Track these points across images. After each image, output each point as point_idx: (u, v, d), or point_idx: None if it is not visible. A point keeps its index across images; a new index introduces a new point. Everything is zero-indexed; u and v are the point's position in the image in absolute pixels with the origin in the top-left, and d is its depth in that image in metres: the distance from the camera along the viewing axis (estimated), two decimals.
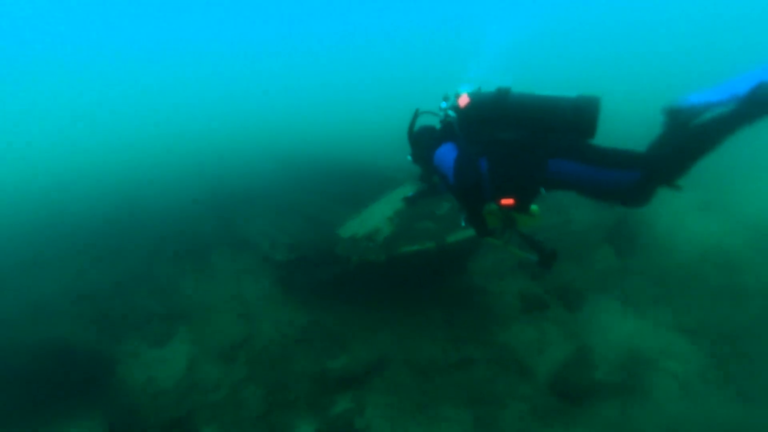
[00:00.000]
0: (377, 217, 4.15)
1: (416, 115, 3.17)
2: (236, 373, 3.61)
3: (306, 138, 13.01)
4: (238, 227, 6.52)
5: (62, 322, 4.70)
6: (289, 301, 4.46)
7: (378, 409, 3.06)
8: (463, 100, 2.85)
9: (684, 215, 5.26)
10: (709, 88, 2.40)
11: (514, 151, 2.74)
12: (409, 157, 3.14)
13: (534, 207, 2.81)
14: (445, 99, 3.09)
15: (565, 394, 3.15)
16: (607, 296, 4.20)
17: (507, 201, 2.77)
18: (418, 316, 3.86)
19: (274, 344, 3.88)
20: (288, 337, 3.94)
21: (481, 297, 4.10)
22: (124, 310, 4.85)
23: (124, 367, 3.90)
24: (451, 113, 2.96)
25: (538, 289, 4.22)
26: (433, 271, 4.08)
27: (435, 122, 3.15)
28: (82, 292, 5.39)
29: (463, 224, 2.91)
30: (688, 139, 2.46)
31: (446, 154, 2.93)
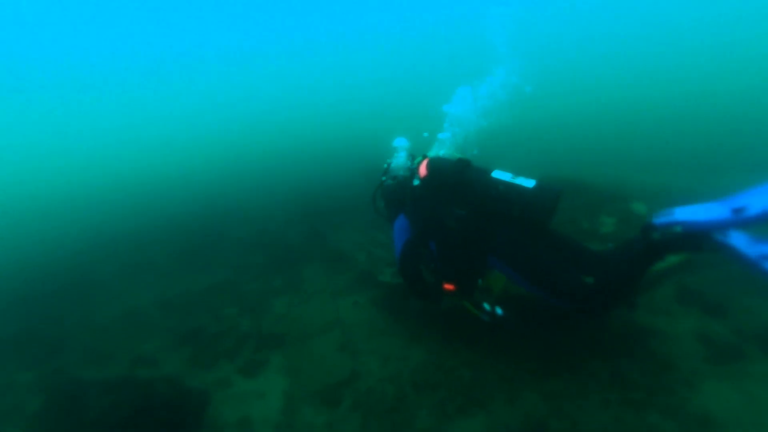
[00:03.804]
0: None
1: (387, 173, 3.40)
2: (344, 424, 2.94)
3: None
4: (329, 238, 6.01)
5: (152, 339, 4.39)
6: (397, 331, 3.76)
7: None
8: (423, 170, 3.00)
9: None
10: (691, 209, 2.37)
11: (459, 242, 2.80)
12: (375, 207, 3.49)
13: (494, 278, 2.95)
14: (411, 159, 3.27)
15: None
16: None
17: (449, 286, 2.89)
18: (575, 369, 2.96)
19: (387, 386, 3.19)
20: (403, 378, 3.22)
21: (652, 342, 3.12)
22: (215, 328, 4.45)
23: (214, 399, 3.42)
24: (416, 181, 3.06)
25: (723, 329, 3.16)
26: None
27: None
28: (172, 304, 5.11)
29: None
30: (627, 277, 2.57)
31: (400, 233, 3.13)
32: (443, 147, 3.73)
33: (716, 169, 6.43)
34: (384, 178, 3.48)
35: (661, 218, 2.39)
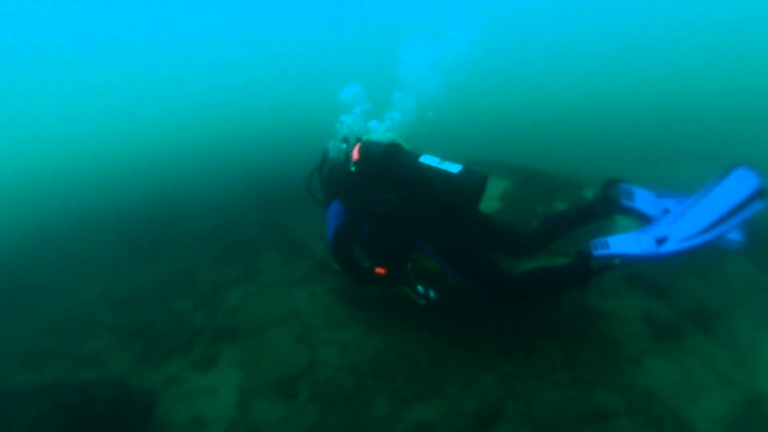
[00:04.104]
0: None
1: (324, 159, 3.41)
2: (301, 418, 2.88)
3: None
4: (286, 227, 5.87)
5: (97, 337, 4.14)
6: (355, 320, 3.71)
7: None
8: (356, 154, 3.00)
9: None
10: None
11: (389, 226, 2.86)
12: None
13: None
14: (345, 141, 3.27)
15: None
16: (761, 323, 3.26)
17: (380, 270, 2.98)
18: (530, 351, 3.02)
19: (345, 376, 3.14)
20: (360, 366, 3.18)
21: (601, 323, 3.23)
22: (166, 323, 4.25)
23: (165, 397, 3.26)
24: (352, 167, 3.05)
25: (665, 309, 3.32)
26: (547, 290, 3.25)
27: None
28: (120, 299, 4.84)
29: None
30: (546, 277, 2.73)
31: (333, 218, 3.17)
32: (385, 130, 3.71)
33: (659, 160, 6.78)
34: (322, 163, 3.45)
35: (599, 251, 2.48)
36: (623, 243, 2.43)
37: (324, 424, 2.78)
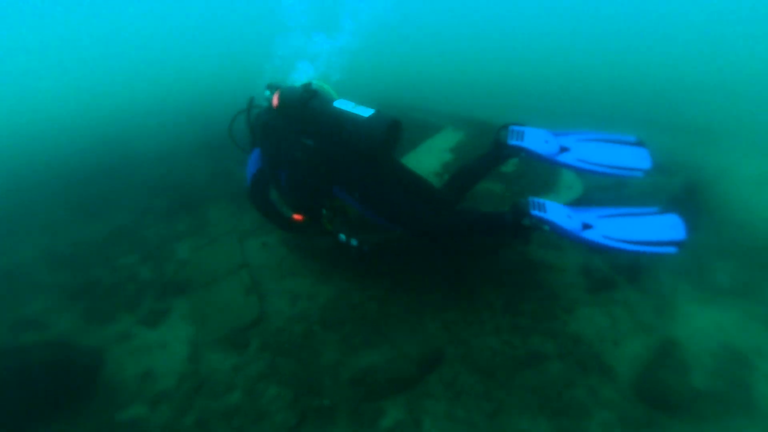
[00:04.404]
0: (420, 170, 3.32)
1: (250, 104, 3.31)
2: (251, 367, 2.94)
3: None
4: (236, 175, 5.68)
5: (38, 299, 3.98)
6: (306, 270, 3.73)
7: (438, 420, 2.43)
8: (275, 100, 3.00)
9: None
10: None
11: (306, 172, 2.86)
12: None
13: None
14: (269, 88, 3.23)
15: (657, 401, 2.50)
16: (682, 278, 3.51)
17: (297, 216, 3.07)
18: (473, 299, 3.15)
19: (295, 325, 3.20)
20: (310, 317, 3.24)
21: (542, 274, 3.38)
22: (112, 279, 4.13)
23: (114, 355, 3.23)
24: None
25: (603, 265, 3.50)
26: (493, 244, 3.34)
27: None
28: (62, 257, 4.63)
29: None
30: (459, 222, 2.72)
31: (252, 164, 3.19)
32: (306, 76, 3.63)
33: (614, 121, 6.89)
34: (248, 108, 3.33)
35: (536, 211, 2.47)
36: (558, 213, 2.47)
37: (274, 372, 2.86)
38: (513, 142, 2.96)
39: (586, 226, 2.42)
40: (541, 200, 2.56)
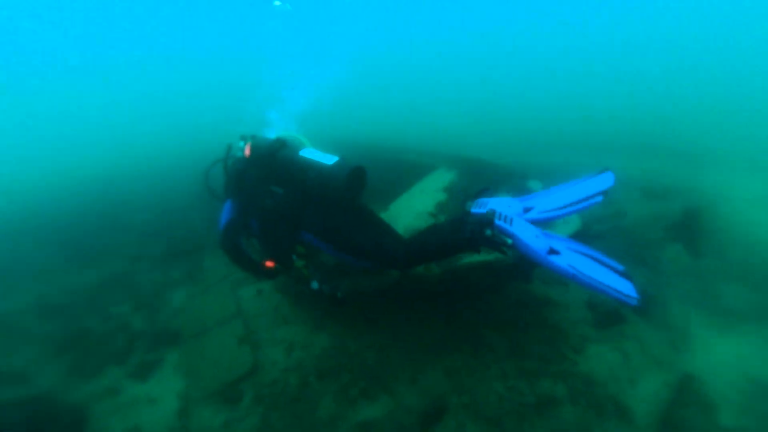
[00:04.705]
0: (414, 211, 3.31)
1: (227, 153, 3.39)
2: (244, 423, 2.78)
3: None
4: None
5: (24, 349, 3.84)
6: (301, 319, 3.62)
7: None
8: (247, 150, 3.11)
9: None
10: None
11: (275, 218, 2.91)
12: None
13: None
14: (243, 138, 3.29)
15: None
16: (693, 306, 3.43)
17: (269, 263, 3.00)
18: (475, 342, 3.04)
19: (290, 376, 3.06)
20: (306, 368, 3.11)
21: (546, 311, 3.30)
22: (103, 329, 4.01)
23: (99, 411, 3.07)
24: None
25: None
26: (493, 283, 3.27)
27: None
28: (53, 306, 4.52)
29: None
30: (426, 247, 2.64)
31: (225, 211, 3.23)
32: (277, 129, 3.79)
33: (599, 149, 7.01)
34: (225, 157, 3.43)
35: (500, 222, 2.41)
36: (525, 230, 2.39)
37: (267, 427, 2.70)
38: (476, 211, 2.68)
39: (553, 252, 2.34)
40: (509, 215, 2.46)
